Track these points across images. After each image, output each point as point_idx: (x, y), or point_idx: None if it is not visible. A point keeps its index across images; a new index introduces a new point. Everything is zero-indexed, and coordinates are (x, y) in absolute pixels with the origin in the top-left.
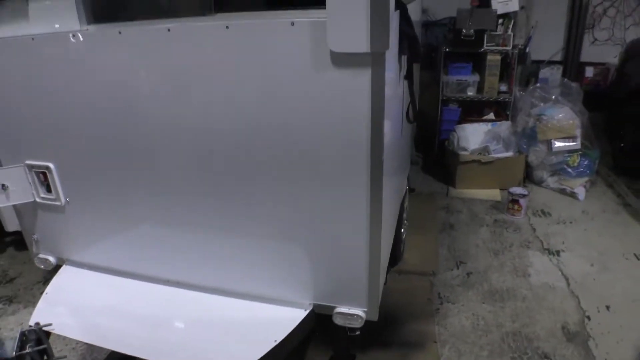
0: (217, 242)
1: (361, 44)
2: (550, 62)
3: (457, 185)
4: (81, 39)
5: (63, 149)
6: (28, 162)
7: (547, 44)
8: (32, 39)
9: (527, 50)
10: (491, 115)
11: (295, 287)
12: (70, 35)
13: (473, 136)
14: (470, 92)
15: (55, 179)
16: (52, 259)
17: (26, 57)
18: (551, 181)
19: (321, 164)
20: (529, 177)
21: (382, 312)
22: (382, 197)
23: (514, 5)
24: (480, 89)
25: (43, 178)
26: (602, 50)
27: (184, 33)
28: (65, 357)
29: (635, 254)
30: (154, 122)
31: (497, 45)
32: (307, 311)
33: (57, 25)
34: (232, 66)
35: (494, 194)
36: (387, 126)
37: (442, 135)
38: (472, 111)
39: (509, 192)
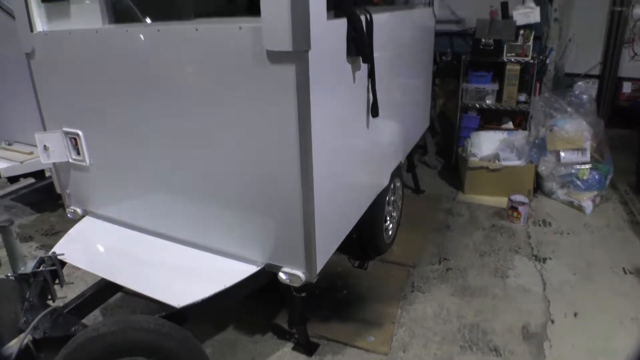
0: (192, 203)
1: (286, 44)
2: (587, 76)
3: (465, 190)
4: (102, 34)
5: (89, 120)
6: (64, 129)
7: (584, 57)
8: (69, 32)
9: (548, 61)
10: (510, 124)
11: (252, 247)
12: (95, 30)
13: (486, 143)
14: (489, 101)
15: (83, 144)
16: (79, 210)
17: (64, 47)
18: (560, 193)
19: (261, 142)
20: (540, 187)
21: (352, 292)
22: (312, 178)
23: (535, 17)
24: (499, 97)
25: (74, 142)
26: None
27: (169, 32)
28: (65, 297)
29: (624, 268)
30: (147, 104)
31: (517, 55)
32: (259, 268)
33: (86, 23)
34: (199, 57)
35: (501, 201)
36: (326, 110)
37: (461, 142)
38: (492, 119)
39: (509, 199)
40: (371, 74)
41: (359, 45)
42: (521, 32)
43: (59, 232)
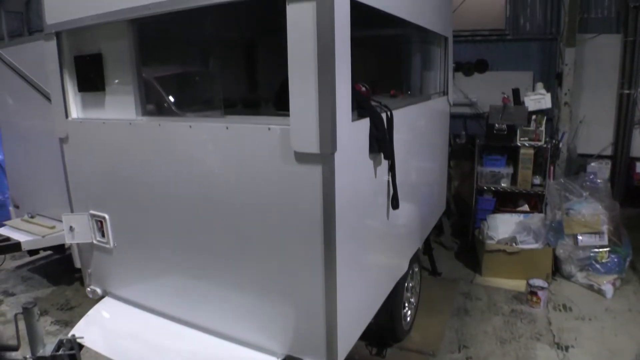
0: (213, 289)
1: (313, 147)
2: (600, 157)
3: (483, 273)
4: (135, 125)
5: (116, 205)
6: (91, 211)
7: (596, 138)
8: (104, 122)
9: (561, 145)
10: (525, 207)
11: (272, 337)
12: (129, 122)
13: (503, 226)
14: (504, 184)
15: (108, 227)
16: (99, 290)
17: (98, 135)
18: (580, 276)
19: (286, 237)
20: (558, 270)
21: None
22: (335, 270)
23: (546, 103)
24: (514, 180)
25: (100, 225)
26: None
27: (200, 129)
28: None
29: None
30: (174, 192)
31: (530, 139)
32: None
33: (120, 113)
34: (229, 154)
35: (519, 284)
36: (351, 208)
37: (477, 224)
38: (507, 201)
39: (528, 284)
40: (391, 168)
41: (381, 143)
42: (533, 117)
43: (74, 307)
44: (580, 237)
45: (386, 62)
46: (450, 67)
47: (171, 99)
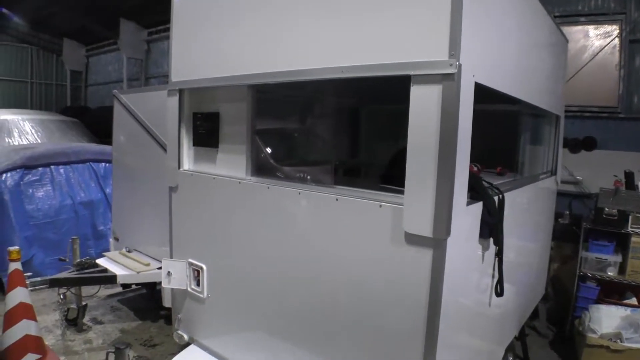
0: (299, 352)
1: (427, 230)
2: None
3: None
4: (244, 185)
5: (215, 257)
6: (190, 260)
7: None
8: (213, 178)
9: None
10: (633, 300)
11: None
12: (238, 181)
13: (607, 319)
14: (611, 272)
15: (204, 277)
16: (186, 336)
17: (207, 189)
18: None
19: (386, 319)
20: None
21: None
22: (435, 356)
23: None
24: (622, 270)
25: (196, 274)
26: None
27: (309, 197)
28: None
29: None
30: (274, 255)
31: None
32: None
33: (230, 171)
34: (335, 227)
35: None
36: (456, 295)
37: (577, 313)
38: (613, 292)
39: None
40: (499, 253)
41: (492, 229)
42: None
43: (157, 344)
44: None
45: (493, 137)
46: (561, 145)
47: (269, 150)
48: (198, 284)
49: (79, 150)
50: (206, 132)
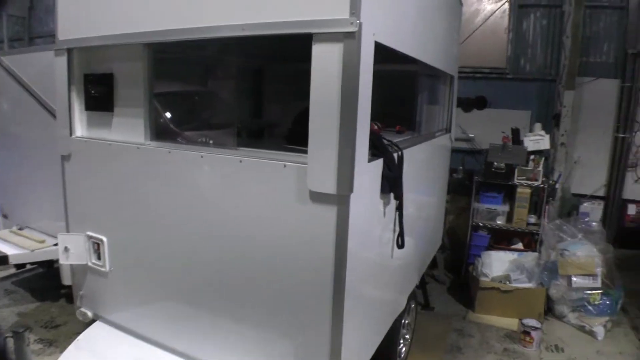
0: (212, 324)
1: (330, 187)
2: (593, 197)
3: (476, 309)
4: (143, 151)
5: (115, 228)
6: (88, 233)
7: (590, 179)
8: (110, 144)
9: (557, 185)
10: (519, 245)
11: None
12: (137, 147)
13: (497, 263)
14: (500, 221)
15: (105, 250)
16: (89, 313)
17: (103, 156)
18: (572, 317)
19: (295, 275)
20: (551, 310)
21: None
22: (343, 310)
23: (545, 144)
24: (509, 218)
25: (96, 247)
26: None
27: (212, 160)
28: None
29: None
30: (179, 221)
31: (528, 179)
32: None
33: (127, 136)
34: (240, 189)
35: (511, 323)
36: (361, 249)
37: (470, 259)
38: (502, 239)
39: (522, 323)
40: (399, 207)
41: (392, 184)
42: (532, 157)
43: (59, 325)
44: (574, 279)
45: (391, 96)
46: (455, 105)
47: (168, 115)
48: (99, 258)
49: None
50: (99, 95)
